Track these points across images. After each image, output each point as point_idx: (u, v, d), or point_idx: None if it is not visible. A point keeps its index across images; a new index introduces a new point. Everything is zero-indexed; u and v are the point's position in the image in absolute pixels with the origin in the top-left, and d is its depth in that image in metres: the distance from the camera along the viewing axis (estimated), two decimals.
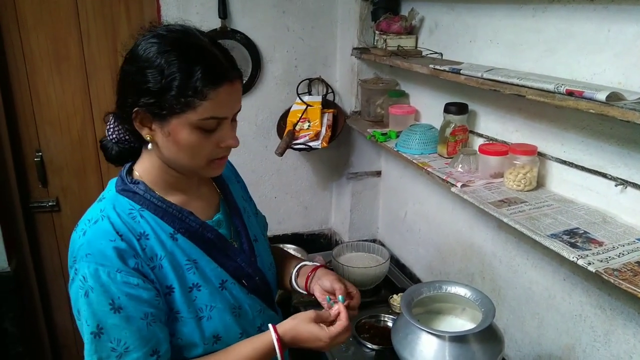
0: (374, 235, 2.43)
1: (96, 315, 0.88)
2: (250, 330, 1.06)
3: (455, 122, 1.58)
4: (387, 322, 1.63)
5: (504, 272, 1.54)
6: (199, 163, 0.95)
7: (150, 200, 0.97)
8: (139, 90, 0.89)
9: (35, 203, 2.19)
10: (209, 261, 1.00)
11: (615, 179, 1.16)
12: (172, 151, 0.93)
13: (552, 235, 1.12)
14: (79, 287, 0.89)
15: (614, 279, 0.95)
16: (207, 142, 0.93)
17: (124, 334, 0.89)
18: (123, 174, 1.00)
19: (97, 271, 0.88)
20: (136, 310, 0.89)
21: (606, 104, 0.98)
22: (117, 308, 0.88)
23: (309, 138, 2.09)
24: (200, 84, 0.86)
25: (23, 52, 2.01)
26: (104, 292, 0.88)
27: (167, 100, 0.87)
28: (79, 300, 0.89)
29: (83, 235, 0.92)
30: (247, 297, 1.06)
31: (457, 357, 1.11)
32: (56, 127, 2.13)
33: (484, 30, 1.54)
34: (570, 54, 1.24)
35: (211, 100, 0.88)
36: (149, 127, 0.92)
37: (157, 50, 0.87)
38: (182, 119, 0.89)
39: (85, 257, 0.89)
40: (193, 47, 0.89)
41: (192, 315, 0.97)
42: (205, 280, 0.99)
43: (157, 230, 0.96)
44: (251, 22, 2.13)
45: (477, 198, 1.33)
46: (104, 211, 0.94)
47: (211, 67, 0.88)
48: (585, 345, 1.27)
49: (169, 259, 0.95)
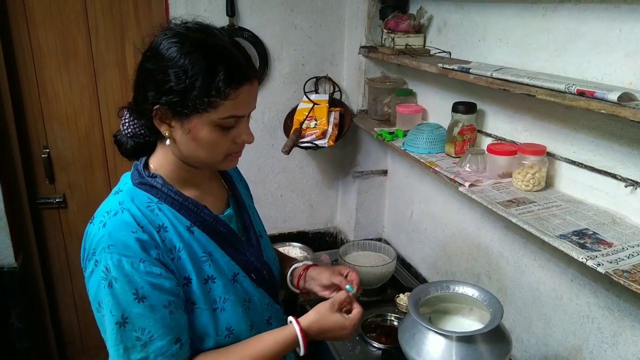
0: (380, 234, 2.43)
1: (121, 305, 0.89)
2: (259, 323, 1.08)
3: (463, 122, 1.58)
4: (393, 321, 1.63)
5: (510, 272, 1.54)
6: (216, 158, 0.98)
7: (167, 193, 0.99)
8: (161, 88, 0.91)
9: (43, 199, 2.19)
10: (222, 254, 1.03)
11: (625, 179, 1.16)
12: (191, 147, 0.96)
13: (561, 235, 1.12)
14: (102, 279, 0.89)
15: (623, 280, 0.95)
16: (225, 139, 0.96)
17: (148, 323, 0.90)
18: (140, 167, 1.01)
19: (121, 261, 0.89)
20: (159, 299, 0.91)
21: (618, 105, 0.97)
22: (141, 297, 0.89)
23: (315, 136, 2.08)
24: (222, 84, 0.89)
25: (31, 48, 2.02)
26: (128, 282, 0.89)
27: (190, 100, 0.90)
28: (101, 292, 0.90)
29: (103, 227, 0.93)
30: (255, 290, 1.08)
31: (465, 357, 1.11)
32: (64, 124, 2.14)
33: (493, 29, 1.53)
34: (581, 54, 1.23)
35: (232, 100, 0.91)
36: (168, 124, 0.95)
37: (180, 50, 0.89)
38: (203, 117, 0.92)
39: (107, 248, 0.90)
40: (215, 49, 0.91)
41: (207, 306, 0.98)
42: (219, 273, 1.01)
43: (175, 222, 0.98)
44: (259, 20, 2.13)
45: (485, 198, 1.32)
46: (123, 203, 0.95)
47: (233, 68, 0.91)
48: (592, 346, 1.26)
49: (187, 250, 0.97)
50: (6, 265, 2.07)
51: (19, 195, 2.11)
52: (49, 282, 2.29)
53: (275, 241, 2.23)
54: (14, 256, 2.07)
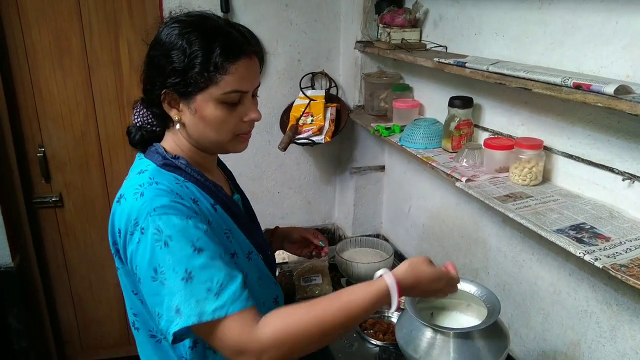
0: (378, 230, 2.42)
1: (182, 261, 0.88)
2: (268, 301, 1.12)
3: (460, 116, 1.57)
4: (391, 318, 1.63)
5: (508, 267, 1.53)
6: (224, 137, 1.01)
7: (191, 174, 1.02)
8: (165, 71, 0.95)
9: (39, 199, 2.19)
10: (239, 232, 1.07)
11: (622, 173, 1.15)
12: (199, 128, 0.99)
13: (558, 230, 1.11)
14: (155, 242, 0.89)
15: (621, 274, 0.94)
16: (231, 117, 0.99)
17: (214, 272, 0.89)
18: (160, 150, 1.03)
19: (171, 219, 0.90)
20: (215, 249, 0.92)
21: (614, 97, 0.97)
22: (199, 249, 0.90)
23: (312, 132, 2.08)
24: (220, 59, 0.93)
25: (25, 47, 2.01)
26: (183, 236, 0.89)
27: (191, 77, 0.94)
28: (157, 254, 0.89)
29: (141, 197, 0.93)
30: (264, 268, 1.12)
31: (462, 353, 1.10)
32: (59, 122, 2.13)
33: (489, 23, 1.52)
34: (577, 47, 1.22)
35: (232, 74, 0.95)
36: (177, 108, 0.99)
37: (179, 33, 0.95)
38: (206, 94, 0.95)
39: (153, 211, 0.90)
40: (211, 27, 0.96)
41: None
42: (239, 249, 1.05)
43: (202, 199, 1.01)
44: (254, 15, 2.11)
45: (482, 193, 1.31)
46: (155, 178, 0.96)
47: (229, 43, 0.95)
48: (590, 341, 1.26)
49: (215, 224, 1.00)
50: (3, 265, 2.07)
51: (14, 194, 2.10)
52: (46, 282, 2.28)
53: None
54: (11, 256, 2.07)
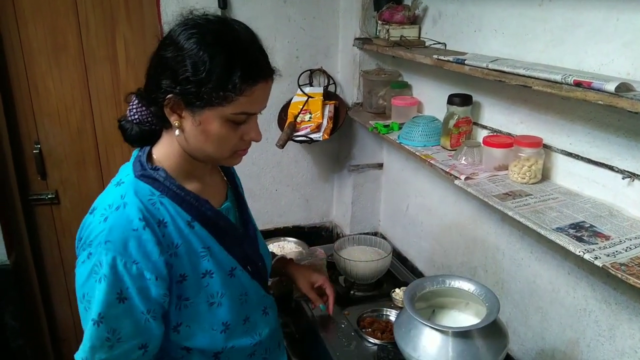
0: (376, 228, 2.41)
1: (102, 304, 0.89)
2: (254, 314, 1.10)
3: (459, 114, 1.56)
4: (389, 316, 1.62)
5: (507, 266, 1.53)
6: (223, 154, 0.99)
7: (169, 187, 0.98)
8: (177, 77, 0.91)
9: (35, 196, 2.17)
10: (221, 249, 1.03)
11: (622, 171, 1.14)
12: (199, 140, 0.96)
13: (557, 228, 1.10)
14: (92, 272, 0.89)
15: (621, 273, 0.94)
16: (234, 135, 0.96)
17: (121, 324, 0.90)
18: (143, 158, 1.00)
19: (115, 260, 0.88)
20: (141, 303, 0.91)
21: (615, 95, 0.96)
22: (122, 298, 0.89)
23: (310, 130, 2.06)
24: (239, 80, 0.90)
25: (21, 43, 1.99)
26: (115, 282, 0.88)
27: (205, 92, 0.90)
28: (88, 285, 0.90)
29: (104, 221, 0.92)
30: (251, 282, 1.09)
31: (461, 352, 1.10)
32: (55, 119, 2.11)
33: (488, 20, 1.51)
34: (578, 44, 1.21)
35: (247, 97, 0.92)
36: (178, 114, 0.95)
37: (200, 42, 0.89)
38: (216, 111, 0.92)
39: (104, 243, 0.89)
40: (235, 43, 0.92)
41: (203, 300, 0.99)
42: (218, 268, 1.01)
43: (176, 217, 0.97)
44: (251, 12, 2.10)
45: (481, 191, 1.31)
46: (125, 197, 0.94)
47: (251, 64, 0.91)
48: (589, 339, 1.25)
49: (185, 247, 0.97)
50: None
51: (10, 191, 2.08)
52: (42, 279, 2.27)
53: (271, 236, 2.22)
54: (7, 253, 2.05)
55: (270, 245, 2.10)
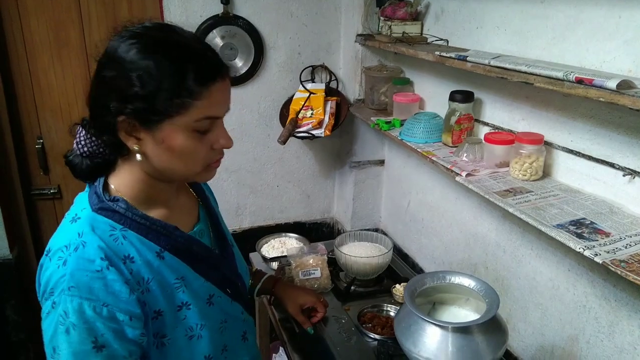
0: (377, 225, 2.42)
1: (77, 355, 0.80)
2: (233, 343, 1.02)
3: (460, 111, 1.56)
4: (389, 311, 1.63)
5: (507, 262, 1.53)
6: (194, 169, 0.90)
7: (132, 218, 0.89)
8: (124, 95, 0.81)
9: (37, 190, 2.18)
10: (195, 277, 0.95)
11: (623, 168, 1.15)
12: (165, 159, 0.87)
13: (558, 225, 1.11)
14: (59, 323, 0.80)
15: (620, 270, 0.94)
16: (202, 146, 0.88)
17: None
18: (99, 190, 0.90)
19: (82, 306, 0.80)
20: (120, 347, 0.83)
21: (617, 92, 0.96)
22: (99, 346, 0.81)
23: (311, 126, 2.07)
24: (192, 83, 0.82)
25: (23, 38, 1.99)
26: (87, 329, 0.80)
27: (159, 104, 0.81)
28: (58, 338, 0.81)
29: (63, 266, 0.83)
30: (231, 305, 1.02)
31: (461, 347, 1.10)
32: (57, 114, 2.11)
33: (491, 17, 1.51)
34: (580, 41, 1.21)
35: (205, 100, 0.84)
36: (135, 137, 0.85)
37: (142, 51, 0.81)
38: (176, 122, 0.83)
39: (67, 290, 0.81)
40: (180, 45, 0.84)
41: (181, 334, 0.92)
42: (194, 298, 0.94)
43: (143, 250, 0.89)
44: (254, 7, 2.10)
45: (482, 187, 1.31)
46: (83, 235, 0.85)
47: (202, 65, 0.84)
48: (589, 336, 1.26)
49: (157, 280, 0.89)
50: (1, 257, 2.06)
51: (12, 186, 2.09)
52: None
53: (272, 232, 2.22)
54: (9, 247, 2.06)
55: (271, 240, 2.11)
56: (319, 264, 1.72)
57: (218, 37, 2.09)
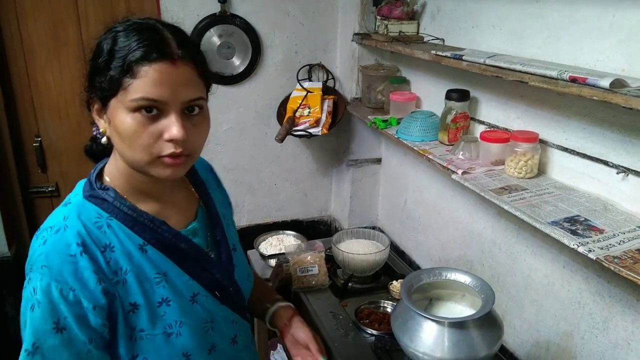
0: (374, 223, 2.43)
1: (36, 332, 0.81)
2: (222, 344, 1.00)
3: (456, 109, 1.57)
4: (386, 308, 1.64)
5: (503, 259, 1.54)
6: (141, 157, 0.85)
7: (119, 208, 0.90)
8: (90, 76, 0.86)
9: (35, 188, 2.18)
10: (180, 273, 0.94)
11: (616, 166, 1.16)
12: (116, 142, 0.87)
13: (552, 222, 1.12)
14: (28, 299, 0.83)
15: (614, 266, 0.96)
16: (147, 131, 0.84)
17: (60, 356, 0.82)
18: (92, 177, 0.92)
19: (49, 286, 0.81)
20: (81, 332, 0.83)
21: (610, 91, 0.98)
22: (61, 328, 0.81)
23: (309, 124, 2.08)
24: (131, 58, 0.81)
25: (21, 37, 1.99)
26: (51, 310, 0.81)
27: (102, 80, 0.83)
28: (25, 312, 0.83)
29: (43, 245, 0.85)
30: (219, 308, 1.00)
31: (457, 342, 1.12)
32: (55, 113, 2.12)
33: (486, 16, 1.52)
34: (574, 41, 1.23)
35: (143, 79, 0.81)
36: (102, 118, 0.88)
37: (108, 33, 0.85)
38: (118, 100, 0.83)
39: (40, 268, 0.83)
40: (133, 25, 0.85)
41: (160, 331, 0.90)
42: (175, 294, 0.92)
43: (125, 241, 0.89)
44: (251, 6, 2.11)
45: (477, 185, 1.32)
46: (67, 219, 0.87)
47: (147, 42, 0.82)
48: (583, 332, 1.28)
49: (135, 272, 0.89)
50: None
51: (10, 184, 2.10)
52: None
53: (269, 230, 2.23)
54: (7, 245, 2.07)
55: (269, 238, 2.12)
56: (317, 261, 1.73)
57: (215, 35, 2.10)
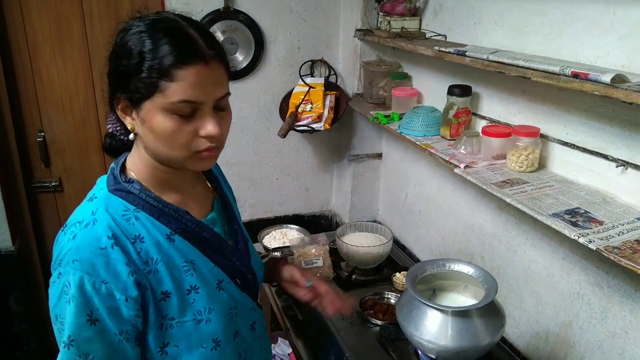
0: (375, 217, 2.46)
1: (71, 326, 0.84)
2: (243, 329, 1.04)
3: (458, 104, 1.60)
4: (390, 299, 1.67)
5: (503, 252, 1.57)
6: (180, 153, 0.89)
7: (145, 200, 0.92)
8: (116, 76, 0.88)
9: (38, 183, 2.19)
10: (205, 261, 0.97)
11: (616, 160, 1.19)
12: (150, 140, 0.89)
13: (553, 214, 1.15)
14: (63, 293, 0.85)
15: (614, 256, 0.98)
16: (184, 130, 0.87)
17: (94, 347, 0.85)
18: (116, 171, 0.95)
19: (82, 280, 0.84)
20: (113, 324, 0.86)
21: (611, 86, 1.00)
22: (94, 320, 0.84)
23: (311, 120, 2.10)
24: (166, 62, 0.83)
25: (25, 32, 2.00)
26: (84, 303, 0.84)
27: (136, 83, 0.84)
28: (61, 306, 0.85)
29: (73, 239, 0.87)
30: (240, 295, 1.04)
31: (460, 331, 1.14)
32: (59, 108, 2.13)
33: (488, 13, 1.54)
34: (575, 37, 1.25)
35: (181, 82, 0.83)
36: (130, 116, 0.90)
37: (132, 34, 0.86)
38: (155, 102, 0.85)
39: (72, 263, 0.85)
40: (164, 26, 0.86)
41: (190, 318, 0.93)
42: (203, 282, 0.95)
43: (153, 232, 0.91)
44: (254, 2, 2.12)
45: (480, 179, 1.35)
46: (96, 213, 0.89)
47: (180, 45, 0.84)
48: (582, 322, 1.30)
49: (165, 262, 0.91)
50: (3, 249, 2.08)
51: (14, 179, 2.11)
52: (46, 265, 2.29)
53: (272, 224, 2.25)
54: (11, 240, 2.08)
55: (272, 232, 2.14)
56: (321, 254, 1.76)
57: (219, 31, 2.11)
